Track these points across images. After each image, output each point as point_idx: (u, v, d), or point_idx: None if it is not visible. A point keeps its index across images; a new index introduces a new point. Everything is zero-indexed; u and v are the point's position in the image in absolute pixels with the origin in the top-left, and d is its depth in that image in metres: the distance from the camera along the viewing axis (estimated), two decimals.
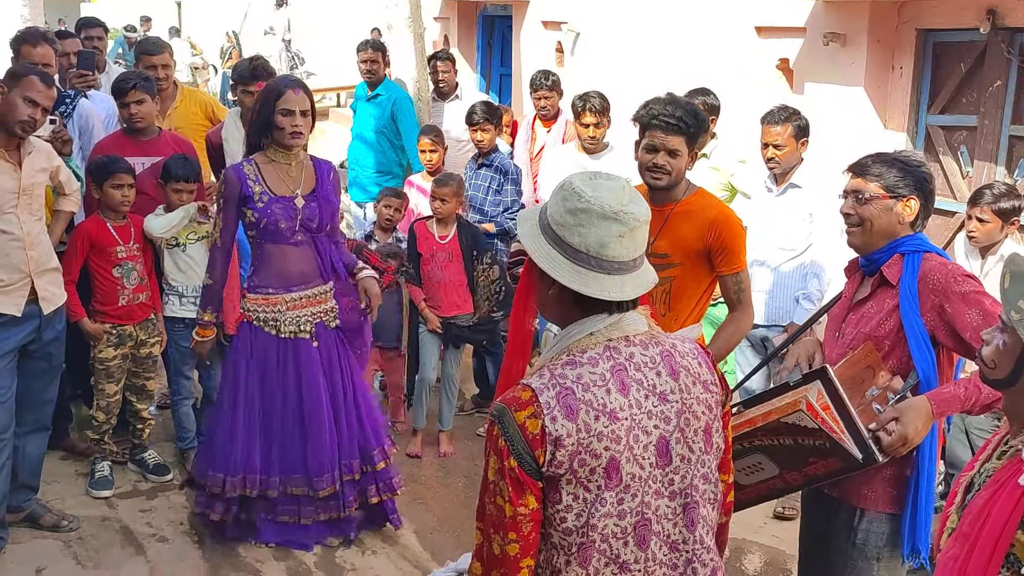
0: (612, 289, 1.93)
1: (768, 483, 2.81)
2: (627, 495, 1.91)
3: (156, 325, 4.98)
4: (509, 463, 1.87)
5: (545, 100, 6.66)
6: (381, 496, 4.42)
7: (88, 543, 4.40)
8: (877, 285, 2.89)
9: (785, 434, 2.67)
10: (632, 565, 1.93)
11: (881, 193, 2.83)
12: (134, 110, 5.01)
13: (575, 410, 1.87)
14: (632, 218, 1.93)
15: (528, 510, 1.89)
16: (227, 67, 17.29)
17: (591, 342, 1.96)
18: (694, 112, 3.49)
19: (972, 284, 2.73)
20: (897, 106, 6.25)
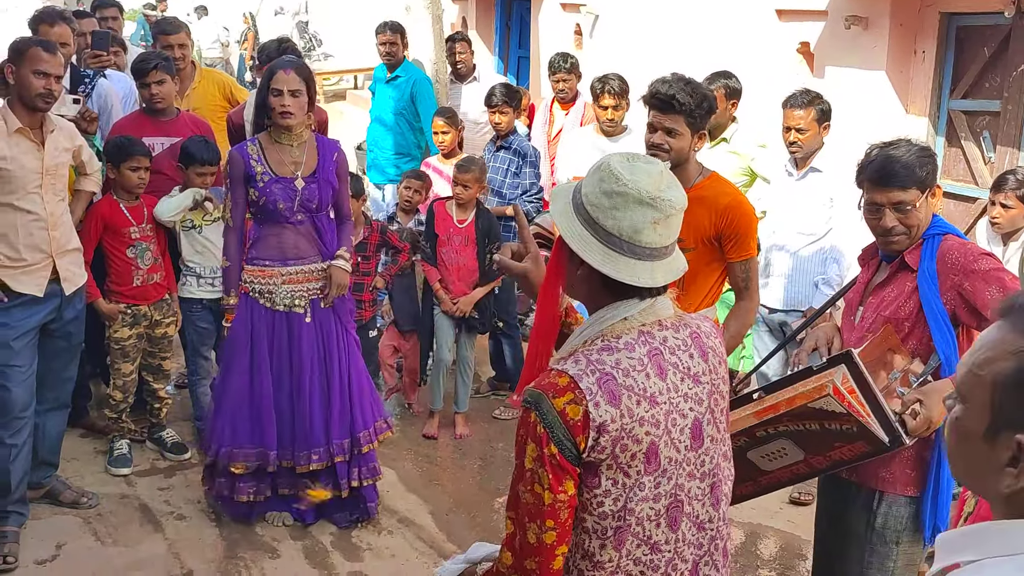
0: (643, 275, 1.90)
1: (792, 468, 2.79)
2: (663, 478, 1.90)
3: (171, 305, 5.01)
4: (549, 450, 1.84)
5: (563, 83, 6.64)
6: (362, 481, 4.43)
7: (107, 520, 4.45)
8: (897, 269, 2.87)
9: (811, 419, 2.65)
10: (663, 546, 1.93)
11: (920, 196, 2.80)
12: (155, 90, 5.03)
13: (618, 396, 1.85)
14: (668, 205, 1.90)
15: (567, 496, 1.86)
16: (243, 49, 17.28)
17: (625, 327, 1.93)
18: (692, 91, 3.42)
19: (990, 261, 2.72)
20: (919, 90, 6.20)
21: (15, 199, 4.02)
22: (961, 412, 1.36)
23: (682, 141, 3.45)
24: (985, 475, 1.33)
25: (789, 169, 5.02)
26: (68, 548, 4.20)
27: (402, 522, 4.59)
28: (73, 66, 5.21)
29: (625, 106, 5.83)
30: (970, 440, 1.34)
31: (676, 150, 3.45)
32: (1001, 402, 1.29)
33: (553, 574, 1.90)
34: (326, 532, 4.44)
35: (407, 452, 5.39)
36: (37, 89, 3.98)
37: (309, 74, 4.24)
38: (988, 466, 1.32)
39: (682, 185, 3.49)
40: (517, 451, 1.91)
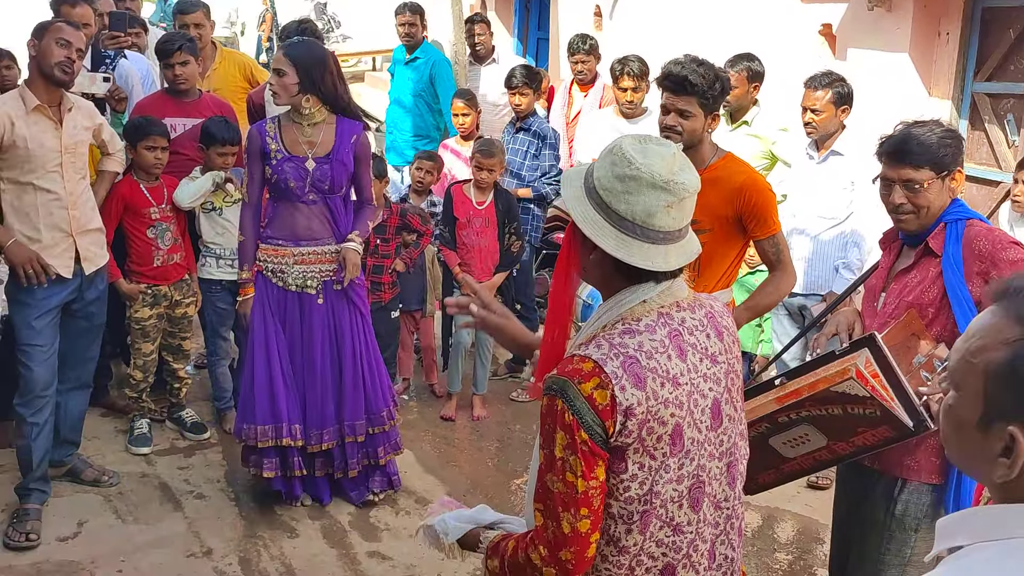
0: (656, 259, 1.89)
1: (814, 455, 2.76)
2: (687, 460, 1.90)
3: (190, 286, 5.04)
4: (580, 436, 1.82)
5: (583, 64, 6.61)
6: (387, 456, 4.49)
7: (128, 498, 4.49)
8: (921, 255, 2.84)
9: (834, 403, 2.63)
10: (685, 527, 1.92)
11: (933, 177, 2.76)
12: (178, 71, 5.05)
13: (643, 379, 1.84)
14: (682, 188, 1.88)
15: (598, 482, 1.85)
16: (261, 30, 17.29)
17: (644, 310, 1.92)
18: (705, 72, 3.39)
19: (1019, 251, 2.69)
20: (943, 73, 6.13)
21: (35, 178, 4.04)
22: (954, 400, 1.35)
23: (695, 123, 3.43)
24: (979, 463, 1.33)
25: (810, 152, 4.98)
26: (89, 525, 4.25)
27: (420, 502, 4.61)
28: (94, 47, 5.22)
29: (645, 88, 5.81)
30: (963, 429, 1.33)
31: (689, 132, 3.44)
32: (993, 392, 1.27)
33: (587, 562, 1.89)
34: (344, 512, 4.47)
35: (425, 433, 5.41)
36: (58, 57, 3.96)
37: (299, 55, 4.12)
38: (982, 455, 1.31)
39: (696, 166, 3.50)
40: (544, 440, 1.88)
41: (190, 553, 4.10)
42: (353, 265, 4.23)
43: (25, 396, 4.12)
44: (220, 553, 4.11)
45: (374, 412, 4.39)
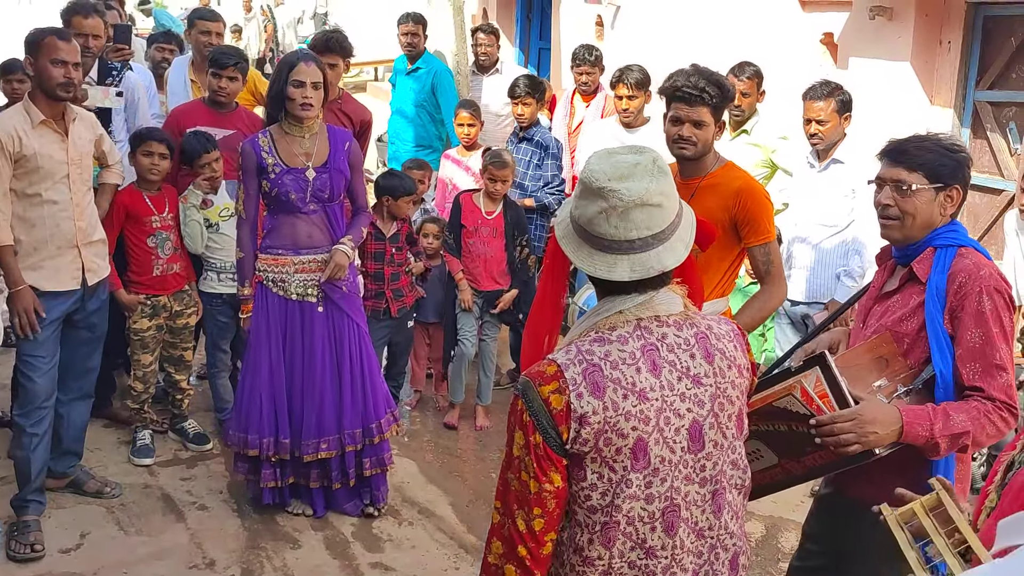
0: (600, 266, 1.90)
1: (769, 472, 2.69)
2: (655, 479, 1.88)
3: (191, 296, 5.03)
4: (534, 438, 1.85)
5: (587, 75, 6.61)
6: (373, 470, 4.46)
7: (130, 509, 4.48)
8: (906, 279, 2.71)
9: (779, 420, 2.59)
10: (659, 551, 1.90)
11: (925, 184, 2.63)
12: (224, 84, 5.12)
13: (602, 387, 1.84)
14: (615, 197, 1.86)
15: (553, 487, 1.86)
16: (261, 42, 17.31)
17: (620, 320, 1.92)
18: (718, 82, 3.43)
19: (995, 301, 2.53)
20: (944, 82, 6.13)
21: (43, 189, 4.05)
22: None
23: (708, 132, 3.46)
24: None
25: (811, 161, 4.99)
26: (92, 537, 4.23)
27: (422, 513, 4.60)
28: (101, 59, 5.24)
29: (643, 97, 5.81)
30: None
31: (703, 142, 3.46)
32: None
33: (543, 559, 1.91)
34: (347, 523, 4.46)
35: (427, 443, 5.40)
36: (57, 79, 3.98)
37: (325, 66, 4.27)
38: None
39: (699, 174, 3.52)
40: (507, 437, 1.92)
41: (192, 565, 4.09)
42: (337, 265, 4.22)
43: (25, 407, 4.12)
44: (223, 564, 4.10)
45: (367, 423, 4.39)
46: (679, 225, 1.95)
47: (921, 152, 2.66)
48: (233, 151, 5.14)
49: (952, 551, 1.89)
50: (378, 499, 4.55)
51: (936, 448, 2.50)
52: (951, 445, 2.50)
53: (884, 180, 2.70)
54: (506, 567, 1.90)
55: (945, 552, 1.89)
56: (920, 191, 2.63)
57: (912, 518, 2.04)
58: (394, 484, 4.77)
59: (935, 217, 2.66)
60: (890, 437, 2.49)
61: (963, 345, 2.53)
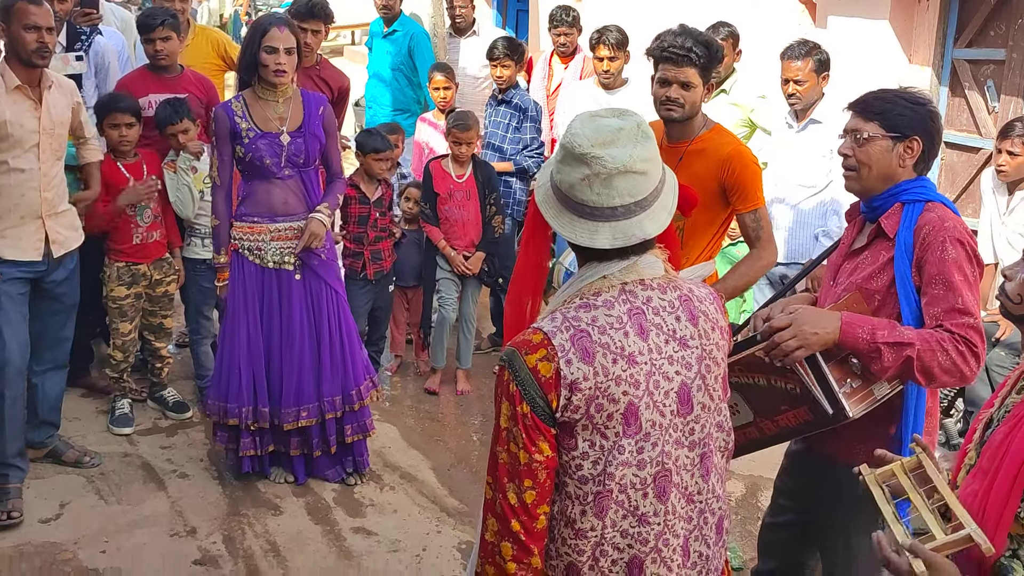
0: (581, 233, 1.87)
1: (744, 430, 2.72)
2: (647, 443, 1.86)
3: (171, 264, 4.99)
4: (522, 408, 1.82)
5: (565, 36, 6.55)
6: (355, 436, 4.46)
7: (110, 479, 4.46)
8: (874, 235, 2.70)
9: (759, 372, 2.61)
10: (652, 518, 1.88)
11: (880, 133, 2.62)
12: (160, 47, 4.98)
13: (591, 353, 1.82)
14: (599, 163, 1.83)
15: (543, 456, 1.84)
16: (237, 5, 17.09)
17: (605, 285, 1.89)
18: (706, 42, 3.40)
19: (956, 251, 2.51)
20: (923, 40, 6.10)
21: (10, 157, 3.97)
22: None
23: (696, 94, 3.43)
24: None
25: (789, 121, 4.97)
26: (72, 507, 4.22)
27: (404, 478, 4.61)
28: (69, 23, 5.15)
29: (623, 58, 5.77)
30: None
31: (690, 103, 3.44)
32: None
33: (538, 534, 1.87)
34: (328, 489, 4.46)
35: (408, 408, 5.40)
36: (31, 44, 3.91)
37: (298, 30, 4.23)
38: None
39: (686, 137, 3.50)
40: (495, 411, 1.88)
41: (174, 532, 4.08)
42: (312, 234, 4.17)
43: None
44: (204, 532, 4.10)
45: (346, 390, 4.37)
46: (662, 191, 1.92)
47: (879, 102, 2.66)
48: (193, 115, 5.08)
49: (929, 508, 1.91)
50: (361, 466, 4.55)
51: (878, 356, 2.47)
52: (894, 356, 2.46)
53: (846, 131, 2.72)
54: (502, 544, 1.87)
55: (923, 509, 1.91)
56: (874, 140, 2.63)
57: (891, 478, 2.05)
58: (375, 449, 4.77)
59: (893, 169, 2.65)
60: (830, 336, 2.48)
61: (927, 293, 2.53)
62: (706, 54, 3.38)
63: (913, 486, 1.99)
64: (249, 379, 4.28)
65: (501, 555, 1.87)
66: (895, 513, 1.96)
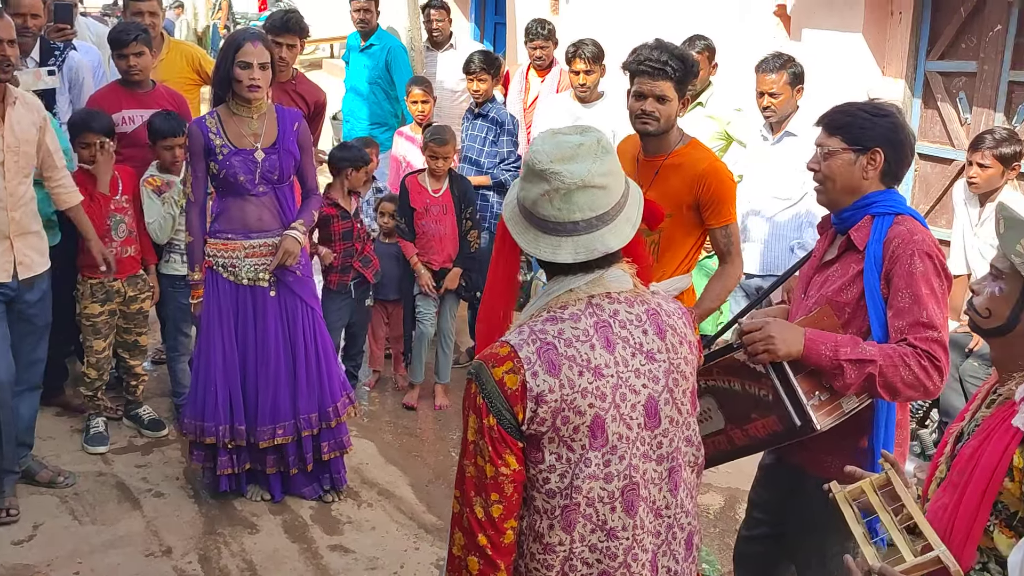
0: (544, 248, 1.89)
1: (714, 439, 2.74)
2: (614, 456, 1.86)
3: (146, 280, 4.95)
4: (488, 421, 1.83)
5: (541, 50, 6.56)
6: (331, 453, 4.43)
7: (84, 498, 4.41)
8: (844, 248, 2.72)
9: (736, 375, 2.64)
10: (620, 532, 1.89)
11: (842, 147, 2.65)
12: (132, 62, 4.94)
13: (557, 365, 1.82)
14: (558, 179, 1.84)
15: (509, 470, 1.84)
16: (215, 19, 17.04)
17: (571, 298, 1.91)
18: (681, 56, 3.42)
19: (925, 263, 2.53)
20: (896, 52, 6.16)
21: None
22: None
23: (671, 107, 3.45)
24: None
25: (764, 134, 5.00)
26: (45, 527, 4.17)
27: (382, 494, 4.58)
28: (42, 38, 5.11)
29: (599, 71, 5.79)
30: None
31: (666, 117, 3.45)
32: None
33: (505, 548, 1.87)
34: (305, 506, 4.43)
35: (386, 424, 5.38)
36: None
37: (272, 45, 4.21)
38: None
39: (662, 151, 3.52)
40: (463, 424, 1.90)
41: (149, 552, 4.04)
42: (286, 252, 4.15)
43: None
44: (180, 551, 4.06)
45: (323, 407, 4.35)
46: (625, 205, 1.93)
47: (841, 116, 2.69)
48: None
49: (898, 527, 1.92)
50: (338, 483, 4.52)
51: (840, 372, 2.49)
52: (857, 373, 2.47)
53: (816, 146, 2.75)
54: (469, 558, 1.87)
55: (891, 527, 1.92)
56: (836, 154, 2.67)
57: (860, 495, 2.06)
58: (353, 466, 4.74)
59: (857, 181, 2.67)
60: (795, 350, 2.50)
61: (893, 306, 2.55)
62: (681, 68, 3.40)
63: (882, 504, 2.00)
64: (225, 397, 4.24)
65: (468, 569, 1.87)
66: (865, 534, 1.97)
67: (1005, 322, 1.93)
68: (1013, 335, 1.93)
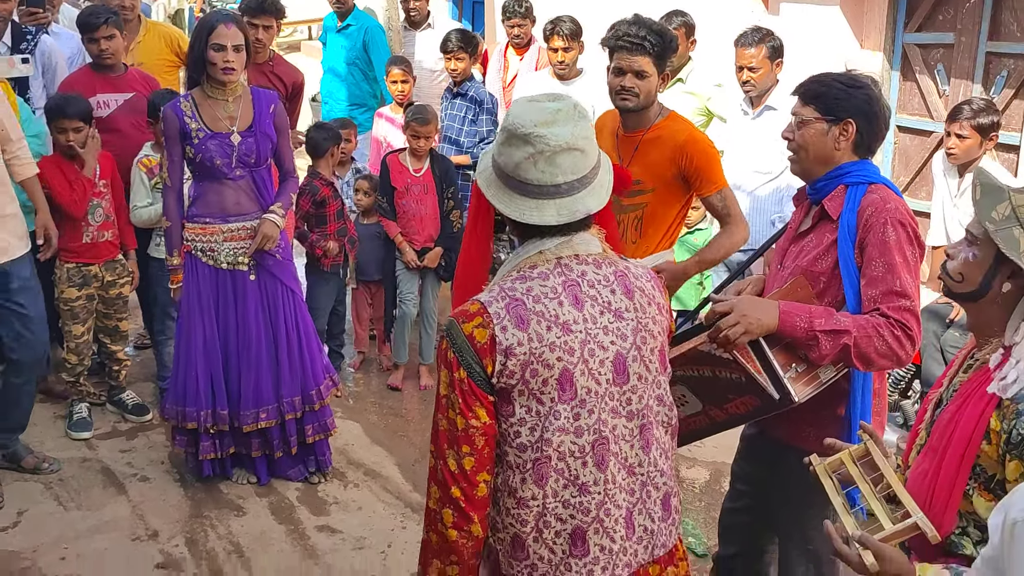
0: (528, 212, 1.94)
1: (694, 419, 2.76)
2: (583, 410, 1.93)
3: (125, 265, 4.92)
4: (459, 374, 1.89)
5: (518, 28, 6.54)
6: (316, 436, 4.43)
7: (69, 484, 4.40)
8: (819, 218, 2.73)
9: (703, 364, 2.63)
10: (592, 487, 1.94)
11: (815, 116, 2.66)
12: (104, 46, 4.89)
13: (525, 320, 1.89)
14: (541, 141, 1.89)
15: (480, 423, 1.90)
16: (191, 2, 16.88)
17: (540, 259, 1.97)
18: (660, 31, 3.42)
19: (898, 232, 2.54)
20: (873, 25, 6.16)
21: None
22: None
23: (650, 83, 3.45)
24: None
25: (745, 108, 5.01)
26: (30, 514, 4.16)
27: (368, 474, 4.59)
28: (14, 23, 5.06)
29: (577, 48, 5.77)
30: None
31: (645, 92, 3.45)
32: None
33: (479, 501, 1.94)
34: (291, 488, 4.43)
35: (371, 405, 5.38)
36: None
37: (247, 27, 4.17)
38: None
39: (642, 126, 3.52)
40: (436, 380, 1.96)
41: (135, 537, 4.04)
42: (265, 236, 4.13)
43: None
44: (166, 535, 4.06)
45: (306, 390, 4.35)
46: (599, 169, 2.00)
47: (816, 86, 2.71)
48: (140, 113, 5.01)
49: (877, 496, 1.94)
50: (323, 465, 4.52)
51: (816, 343, 2.50)
52: (832, 344, 2.49)
53: (791, 115, 2.77)
54: (443, 511, 1.94)
55: (870, 497, 1.94)
56: (809, 123, 2.68)
57: (840, 467, 2.09)
58: (339, 447, 4.75)
59: (829, 151, 2.68)
60: (770, 323, 2.51)
61: (867, 275, 2.56)
62: (660, 43, 3.40)
63: (861, 475, 2.03)
64: (207, 382, 4.23)
65: (443, 522, 1.94)
66: (845, 504, 2.00)
67: (977, 287, 1.94)
68: (985, 301, 1.95)
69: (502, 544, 2.01)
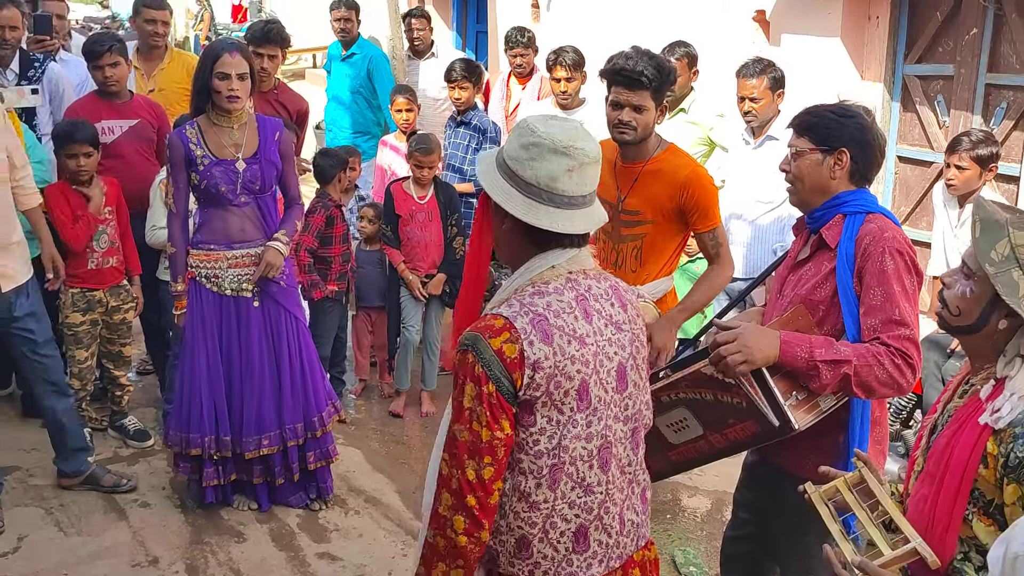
0: (562, 222, 2.02)
1: (695, 444, 2.77)
2: (594, 418, 2.03)
3: (129, 291, 4.94)
4: (488, 388, 1.94)
5: (521, 57, 6.60)
6: (318, 463, 4.43)
7: (69, 509, 4.40)
8: (817, 246, 2.75)
9: (706, 387, 2.65)
10: (595, 488, 2.05)
11: (809, 147, 2.69)
12: (108, 73, 4.93)
13: (550, 335, 1.97)
14: (582, 153, 2.01)
15: (503, 434, 1.96)
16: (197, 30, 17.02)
17: (553, 274, 2.06)
18: (658, 65, 3.41)
19: (896, 261, 2.55)
20: (874, 56, 6.22)
21: None
22: None
23: (648, 116, 3.44)
24: None
25: (746, 138, 5.04)
26: (30, 539, 4.15)
27: (369, 502, 4.59)
28: (22, 50, 5.11)
29: (580, 78, 5.82)
30: None
31: (643, 126, 3.45)
32: None
33: (491, 509, 1.99)
34: (292, 514, 4.42)
35: (373, 432, 5.38)
36: None
37: (251, 55, 4.20)
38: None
39: (641, 158, 3.55)
40: (456, 392, 2.00)
41: (135, 563, 4.03)
42: (268, 264, 4.15)
43: None
44: (167, 561, 4.05)
45: (308, 417, 4.35)
46: None
47: (808, 117, 2.74)
48: (145, 140, 5.05)
49: (874, 522, 1.95)
50: (324, 492, 4.52)
51: (816, 374, 2.51)
52: (832, 374, 2.50)
53: (788, 148, 2.80)
54: (455, 518, 1.98)
55: (867, 523, 1.95)
56: (804, 154, 2.71)
57: (836, 494, 2.10)
58: (340, 473, 4.74)
59: (825, 181, 2.71)
60: (771, 353, 2.52)
61: (866, 303, 2.57)
62: (658, 77, 3.40)
63: (857, 501, 2.04)
64: (210, 408, 4.23)
65: (453, 528, 1.98)
66: (842, 531, 2.01)
67: (974, 322, 1.96)
68: (981, 335, 1.96)
69: (504, 546, 2.07)
